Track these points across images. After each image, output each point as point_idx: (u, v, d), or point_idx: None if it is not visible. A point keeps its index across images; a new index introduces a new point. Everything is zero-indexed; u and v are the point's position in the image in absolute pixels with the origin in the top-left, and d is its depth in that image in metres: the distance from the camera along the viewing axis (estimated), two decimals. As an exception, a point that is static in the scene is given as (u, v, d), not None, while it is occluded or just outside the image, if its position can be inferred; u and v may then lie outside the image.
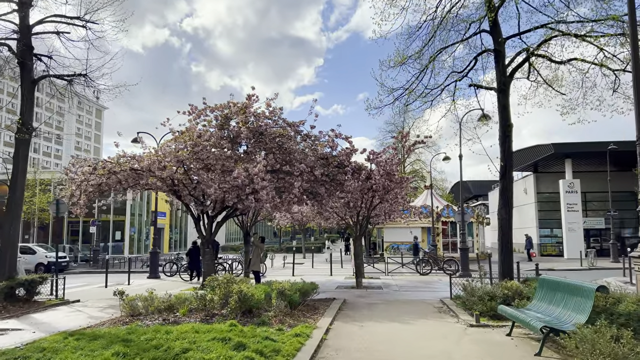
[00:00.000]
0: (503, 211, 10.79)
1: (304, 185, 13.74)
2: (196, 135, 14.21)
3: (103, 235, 37.78)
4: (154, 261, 21.25)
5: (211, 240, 16.07)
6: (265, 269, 21.86)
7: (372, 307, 10.79)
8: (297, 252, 39.45)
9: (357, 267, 15.70)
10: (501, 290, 9.08)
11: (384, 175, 14.48)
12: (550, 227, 38.46)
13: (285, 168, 13.84)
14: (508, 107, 10.53)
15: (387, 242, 31.86)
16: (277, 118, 15.06)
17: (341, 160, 15.20)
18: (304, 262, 31.75)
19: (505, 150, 10.53)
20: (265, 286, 9.50)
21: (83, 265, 32.68)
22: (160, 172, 13.79)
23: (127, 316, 9.11)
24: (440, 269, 21.20)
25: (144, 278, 21.39)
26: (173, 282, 19.49)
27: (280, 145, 14.15)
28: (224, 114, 15.10)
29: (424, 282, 17.89)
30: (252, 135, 14.70)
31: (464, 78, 12.21)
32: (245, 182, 12.77)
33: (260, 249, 15.50)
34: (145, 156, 14.76)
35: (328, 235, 75.01)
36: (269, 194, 12.71)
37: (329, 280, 19.02)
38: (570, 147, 32.35)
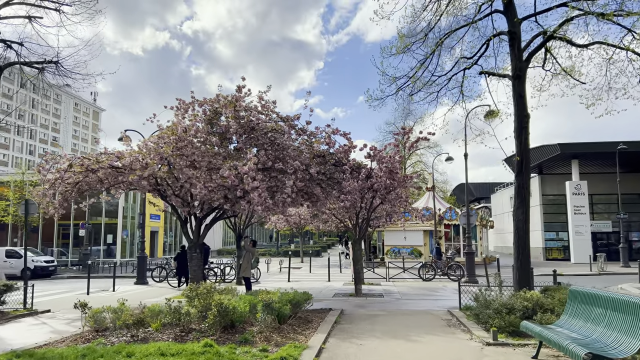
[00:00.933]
0: (519, 212, 9.63)
1: (298, 184, 12.60)
2: (181, 130, 13.08)
3: (95, 239, 36.61)
4: (141, 266, 20.08)
5: (199, 244, 14.93)
6: (260, 274, 20.70)
7: (373, 320, 9.61)
8: (295, 256, 38.27)
9: (357, 273, 14.54)
10: (520, 302, 7.91)
11: (386, 173, 13.34)
12: (556, 230, 37.31)
13: (277, 165, 12.69)
14: (524, 96, 9.40)
15: (388, 246, 30.70)
16: (270, 112, 13.96)
17: (339, 157, 14.08)
18: (301, 267, 30.58)
19: (522, 143, 9.39)
20: (252, 297, 8.33)
21: (72, 270, 31.50)
22: (141, 170, 12.65)
23: (92, 331, 7.95)
24: (444, 275, 20.03)
25: (131, 284, 20.25)
26: (160, 289, 18.33)
27: (273, 140, 13.01)
28: (213, 108, 13.99)
29: (428, 288, 16.72)
30: (242, 131, 13.59)
31: (473, 66, 11.08)
32: (234, 183, 11.62)
33: (252, 254, 14.35)
34: (127, 153, 13.65)
35: (327, 238, 73.79)
36: (262, 195, 11.56)
37: (326, 286, 17.85)
38: (578, 148, 31.22)
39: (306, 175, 13.20)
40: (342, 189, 14.01)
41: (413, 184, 13.44)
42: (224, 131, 13.73)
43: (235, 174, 11.62)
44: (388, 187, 13.84)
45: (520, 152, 9.45)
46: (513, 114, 9.61)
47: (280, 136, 13.08)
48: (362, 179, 13.71)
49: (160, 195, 14.26)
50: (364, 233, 14.80)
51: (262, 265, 28.12)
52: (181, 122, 13.41)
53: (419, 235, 30.37)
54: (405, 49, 10.78)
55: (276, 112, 14.00)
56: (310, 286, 18.05)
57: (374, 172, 13.72)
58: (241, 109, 13.60)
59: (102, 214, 36.12)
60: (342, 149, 14.08)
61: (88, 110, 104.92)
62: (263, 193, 11.54)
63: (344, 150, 14.04)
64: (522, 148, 9.41)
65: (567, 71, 10.76)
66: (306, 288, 17.52)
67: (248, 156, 11.99)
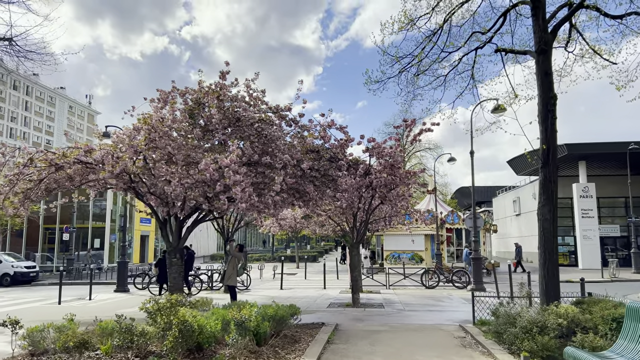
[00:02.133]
0: (545, 210, 8.21)
1: (288, 180, 11.14)
2: (156, 120, 11.64)
3: (83, 243, 35.10)
4: (122, 272, 18.59)
5: (180, 249, 13.45)
6: (250, 281, 19.20)
7: (373, 338, 8.14)
8: (291, 261, 36.77)
9: (354, 281, 13.08)
10: (553, 319, 6.46)
11: (387, 168, 11.91)
12: (562, 234, 35.86)
13: (265, 160, 11.25)
14: (551, 73, 8.00)
15: (388, 251, 29.21)
16: (259, 102, 12.54)
17: (334, 152, 12.65)
18: (296, 273, 29.07)
19: (548, 129, 7.97)
20: (227, 311, 6.86)
21: (56, 276, 29.91)
22: (111, 165, 11.20)
23: (26, 355, 6.47)
24: (449, 282, 18.56)
25: (111, 291, 18.75)
26: (141, 297, 16.82)
27: (260, 132, 11.57)
28: (195, 99, 12.57)
29: (432, 297, 15.25)
30: (227, 122, 12.15)
31: (487, 45, 9.68)
32: (214, 177, 10.17)
33: (238, 259, 12.88)
34: (98, 147, 12.21)
35: (325, 243, 72.24)
36: (245, 191, 10.10)
37: (321, 295, 16.37)
38: (586, 148, 29.84)
39: (297, 171, 11.77)
40: (338, 187, 12.58)
41: (417, 180, 12.00)
42: (206, 123, 12.31)
43: (216, 168, 10.17)
44: (389, 185, 12.41)
45: (547, 139, 8.03)
46: (537, 96, 8.18)
47: (268, 127, 11.65)
48: (359, 175, 12.28)
49: (136, 194, 12.80)
50: (362, 237, 13.37)
51: (255, 272, 26.62)
52: (159, 113, 12.00)
53: (419, 239, 28.88)
54: (409, 24, 9.37)
55: (265, 102, 12.60)
56: (304, 294, 16.57)
57: (372, 168, 12.29)
58: (226, 98, 12.19)
59: (89, 218, 34.61)
60: (338, 142, 12.66)
61: (83, 113, 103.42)
62: (247, 188, 10.09)
63: (340, 144, 12.61)
64: (548, 135, 7.99)
65: (595, 50, 9.36)
66: (299, 297, 16.10)
67: (231, 148, 10.55)
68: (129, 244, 38.28)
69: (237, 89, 12.84)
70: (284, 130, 12.70)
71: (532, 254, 38.28)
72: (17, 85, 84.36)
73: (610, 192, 34.49)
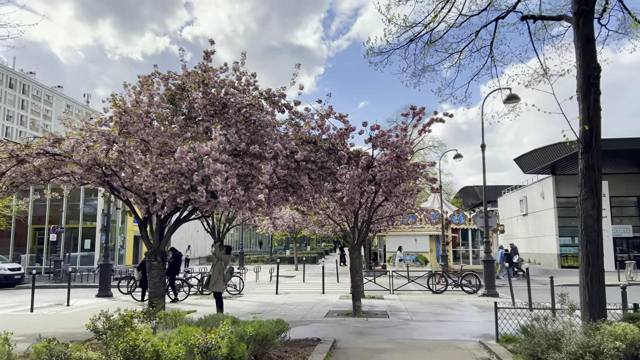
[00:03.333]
0: (588, 204, 6.81)
1: (280, 172, 9.75)
2: (130, 102, 10.26)
3: (74, 244, 33.73)
4: (104, 276, 17.19)
5: (160, 250, 12.07)
6: (243, 285, 17.80)
7: (378, 358, 6.74)
8: (290, 263, 35.38)
9: (355, 287, 11.68)
10: (609, 342, 5.05)
11: (393, 160, 10.51)
12: (572, 235, 34.42)
13: (253, 149, 9.86)
14: (593, 40, 6.61)
15: (390, 252, 27.78)
16: (252, 89, 11.17)
17: (333, 143, 11.26)
18: (294, 275, 27.65)
19: (591, 106, 6.57)
20: (194, 328, 5.44)
21: (44, 278, 28.53)
22: (80, 155, 9.83)
23: None
24: (457, 286, 17.14)
25: (94, 296, 17.36)
26: (124, 303, 15.42)
27: (248, 117, 10.18)
28: (176, 84, 11.19)
29: (442, 304, 13.84)
30: (213, 110, 10.77)
31: (509, 13, 8.28)
32: (191, 167, 8.79)
33: (225, 263, 11.48)
34: (67, 135, 10.85)
35: (325, 244, 70.82)
36: (228, 182, 8.70)
37: (319, 301, 14.97)
38: (602, 144, 28.34)
39: (291, 163, 10.38)
40: (337, 180, 11.19)
41: (426, 174, 10.60)
42: (189, 109, 10.93)
43: (194, 157, 8.78)
44: (394, 179, 11.01)
45: (589, 118, 6.63)
46: (577, 68, 6.77)
47: (257, 112, 10.26)
48: (362, 167, 10.87)
49: (111, 189, 11.43)
50: (364, 238, 11.98)
51: (251, 274, 25.22)
52: (134, 97, 10.62)
53: (424, 240, 27.50)
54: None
55: (257, 87, 11.21)
56: (301, 300, 15.17)
57: (377, 161, 10.90)
58: (212, 83, 10.81)
59: (79, 217, 33.22)
60: (338, 132, 11.26)
61: (81, 112, 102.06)
62: (231, 179, 8.69)
63: (339, 134, 11.22)
64: (591, 113, 6.59)
65: (638, 19, 7.95)
66: (295, 303, 14.70)
67: (214, 135, 9.16)
68: (121, 245, 37.00)
69: (226, 74, 11.52)
70: (278, 120, 11.35)
71: (540, 255, 36.86)
72: (13, 84, 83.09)
73: (622, 191, 33.07)
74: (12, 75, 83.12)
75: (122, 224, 35.92)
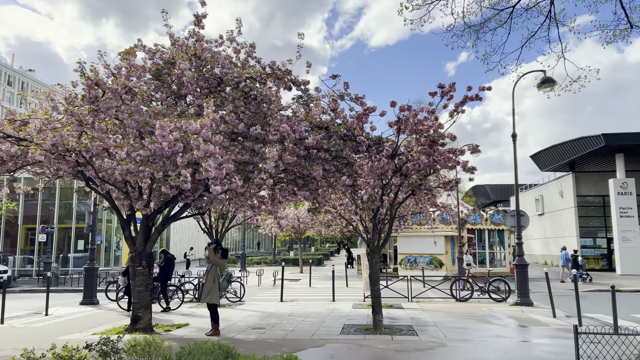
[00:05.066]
0: None
1: (287, 158, 7.92)
2: (105, 74, 8.48)
3: (67, 245, 32.06)
4: (89, 281, 15.40)
5: (146, 253, 10.29)
6: (244, 291, 15.98)
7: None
8: (294, 265, 33.58)
9: (375, 297, 9.85)
10: None
11: (426, 146, 8.68)
12: (593, 236, 32.49)
13: (254, 130, 8.04)
14: None
15: (402, 254, 25.92)
16: (254, 62, 9.39)
17: (349, 128, 9.45)
18: (300, 279, 25.85)
19: None
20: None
21: (34, 281, 26.85)
22: (42, 137, 8.07)
23: None
24: (484, 293, 15.28)
25: (78, 303, 15.56)
26: (108, 313, 13.67)
27: (247, 92, 8.36)
28: (164, 59, 9.42)
29: (472, 316, 12.01)
30: (206, 85, 8.98)
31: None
32: (176, 148, 6.97)
33: (220, 268, 9.65)
34: (30, 115, 9.09)
35: (330, 245, 68.97)
36: (223, 168, 6.89)
37: (331, 310, 13.14)
38: (626, 139, 26.46)
39: (300, 150, 8.56)
40: (354, 172, 9.37)
41: (465, 162, 8.78)
42: (178, 86, 9.14)
43: (180, 136, 6.96)
44: (425, 169, 9.17)
45: None
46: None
47: (259, 86, 8.45)
48: (386, 155, 9.05)
49: (86, 181, 9.64)
50: (387, 240, 10.13)
51: (253, 277, 23.41)
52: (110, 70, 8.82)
53: (439, 241, 25.61)
54: None
55: (258, 60, 9.42)
56: (309, 310, 13.35)
57: (405, 148, 9.06)
58: (206, 57, 9.02)
59: (72, 217, 31.48)
60: (356, 115, 9.45)
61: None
62: (226, 165, 6.87)
63: (357, 116, 9.40)
64: None
65: None
66: (303, 314, 12.85)
67: (205, 111, 7.35)
68: (117, 246, 35.27)
69: (222, 47, 9.76)
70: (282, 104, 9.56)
71: (558, 257, 34.89)
72: (12, 81, 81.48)
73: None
74: (11, 73, 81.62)
75: (117, 223, 34.13)
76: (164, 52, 9.54)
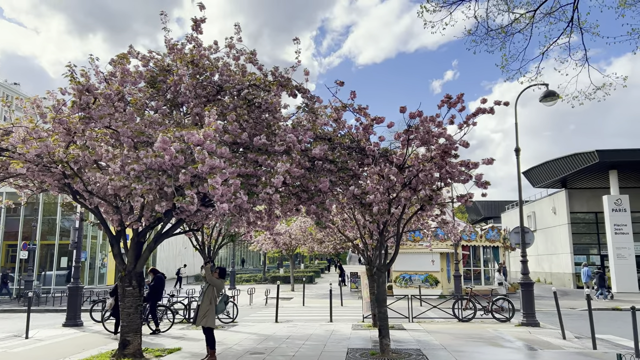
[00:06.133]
0: None
1: (294, 171, 7.37)
2: (97, 80, 7.91)
3: (49, 262, 30.94)
4: (73, 301, 14.55)
5: (137, 273, 9.60)
6: (237, 311, 15.24)
7: None
8: (285, 282, 32.77)
9: (382, 320, 9.25)
10: None
11: (438, 157, 8.21)
12: (586, 253, 32.28)
13: (258, 140, 7.50)
14: None
15: (397, 272, 25.35)
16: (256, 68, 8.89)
17: (355, 139, 8.99)
18: (292, 297, 25.11)
19: None
20: None
21: (15, 301, 25.68)
22: (26, 147, 7.44)
23: None
24: (488, 312, 14.76)
25: (61, 325, 14.68)
26: (94, 336, 12.84)
27: (250, 100, 7.85)
28: (160, 65, 8.90)
29: (480, 337, 11.47)
30: (205, 93, 8.44)
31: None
32: (177, 161, 6.39)
33: (217, 289, 9.00)
34: (13, 123, 8.45)
35: (319, 262, 68.09)
36: (231, 185, 6.31)
37: (330, 333, 12.48)
38: (620, 155, 26.44)
39: (305, 161, 8.04)
40: (361, 185, 8.88)
41: (479, 175, 8.33)
42: (174, 94, 8.59)
43: (181, 148, 6.39)
44: (435, 182, 8.70)
45: None
46: None
47: (263, 93, 7.93)
48: (396, 165, 8.56)
49: (73, 195, 8.97)
50: (394, 257, 9.56)
51: (244, 296, 22.62)
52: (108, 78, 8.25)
53: (434, 258, 25.14)
54: None
55: (260, 67, 8.92)
56: (308, 332, 12.69)
57: (416, 159, 8.59)
58: (203, 65, 8.50)
59: (55, 233, 30.41)
60: (361, 126, 9.00)
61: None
62: (233, 180, 6.30)
63: (363, 126, 8.94)
64: None
65: None
66: (302, 336, 12.14)
67: (207, 120, 6.80)
68: (102, 264, 34.16)
69: (220, 54, 9.26)
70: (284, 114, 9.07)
71: (551, 274, 34.61)
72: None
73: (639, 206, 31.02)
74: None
75: (103, 240, 33.05)
76: (159, 59, 9.04)
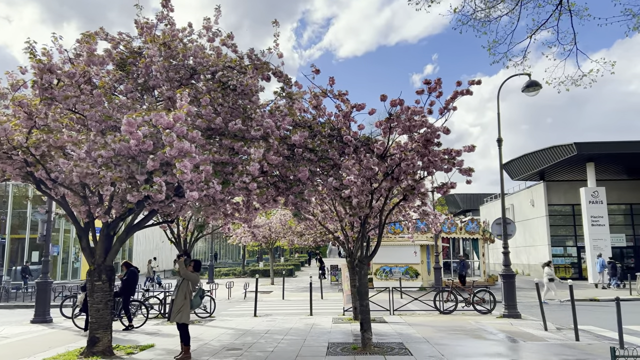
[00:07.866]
0: None
1: (272, 158, 7.00)
2: (61, 61, 7.40)
3: (20, 256, 29.95)
4: (41, 297, 13.95)
5: (107, 267, 9.12)
6: (215, 305, 14.82)
7: None
8: (264, 276, 32.36)
9: (363, 314, 8.97)
10: None
11: (420, 145, 7.93)
12: (563, 244, 32.69)
13: (233, 125, 7.10)
14: None
15: (377, 264, 25.18)
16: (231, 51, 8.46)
17: (335, 127, 8.66)
18: (272, 291, 24.77)
19: None
20: None
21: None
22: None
23: None
24: (469, 304, 14.65)
25: (29, 321, 14.05)
26: (63, 332, 12.31)
27: (225, 83, 7.43)
28: (130, 48, 8.42)
29: (462, 329, 11.31)
30: (178, 77, 7.98)
31: None
32: (145, 146, 5.95)
33: (192, 283, 8.59)
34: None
35: (299, 255, 67.79)
36: (202, 171, 5.92)
37: (310, 326, 12.18)
38: (598, 148, 26.65)
39: (283, 148, 7.68)
40: (341, 175, 8.55)
41: (460, 162, 8.10)
42: (145, 76, 8.10)
43: (150, 132, 5.96)
44: (417, 171, 8.44)
45: None
46: None
47: (237, 76, 7.52)
48: (376, 156, 8.26)
49: (37, 184, 8.42)
50: (376, 249, 9.28)
51: (222, 290, 22.17)
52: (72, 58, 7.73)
53: (414, 250, 25.06)
54: None
55: (235, 49, 8.49)
56: (287, 326, 12.36)
57: (398, 148, 8.29)
58: (176, 47, 8.03)
59: (26, 227, 29.42)
60: (341, 113, 8.67)
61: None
62: (204, 166, 5.91)
63: (344, 113, 8.62)
64: None
65: None
66: (281, 330, 11.78)
67: (178, 103, 6.37)
68: (76, 257, 33.23)
69: (193, 36, 8.81)
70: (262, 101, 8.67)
71: (529, 266, 34.97)
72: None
73: (615, 199, 31.48)
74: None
75: (77, 233, 32.11)
76: (129, 41, 8.55)
